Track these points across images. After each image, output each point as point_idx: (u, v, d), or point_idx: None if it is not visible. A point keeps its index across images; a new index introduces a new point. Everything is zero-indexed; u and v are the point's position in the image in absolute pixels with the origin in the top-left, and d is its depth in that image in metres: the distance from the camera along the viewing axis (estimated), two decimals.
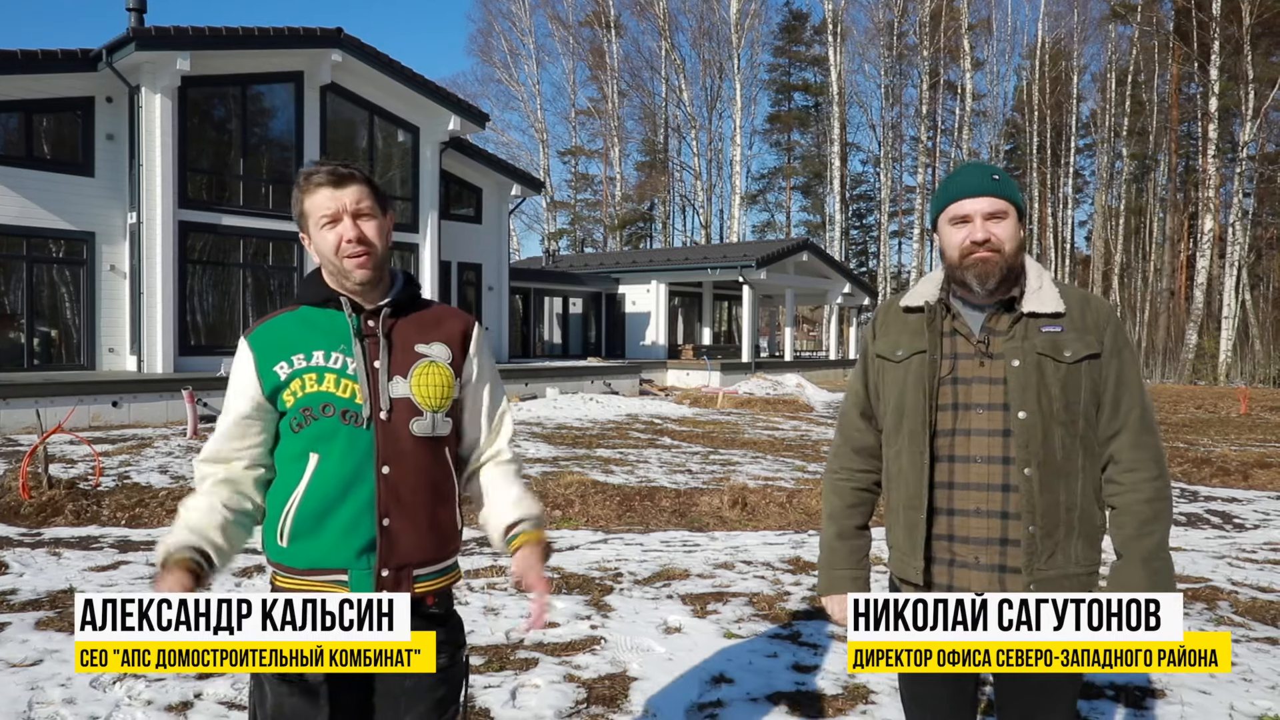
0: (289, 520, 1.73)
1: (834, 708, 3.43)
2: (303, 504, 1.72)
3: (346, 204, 1.73)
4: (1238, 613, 4.76)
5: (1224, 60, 32.39)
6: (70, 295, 15.33)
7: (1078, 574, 1.85)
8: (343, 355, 1.74)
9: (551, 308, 29.21)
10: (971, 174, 1.91)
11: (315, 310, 1.80)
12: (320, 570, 1.73)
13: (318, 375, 1.73)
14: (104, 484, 7.72)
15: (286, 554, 1.75)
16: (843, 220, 46.65)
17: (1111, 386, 1.85)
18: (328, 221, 1.74)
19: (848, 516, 2.08)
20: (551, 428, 13.81)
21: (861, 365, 2.10)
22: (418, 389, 1.77)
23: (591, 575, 5.29)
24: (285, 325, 1.79)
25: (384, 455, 1.73)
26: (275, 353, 1.75)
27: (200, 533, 1.71)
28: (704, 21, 47.10)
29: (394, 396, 1.75)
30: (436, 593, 1.82)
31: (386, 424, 1.73)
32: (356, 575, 1.72)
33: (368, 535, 1.71)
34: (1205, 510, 8.15)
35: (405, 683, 1.75)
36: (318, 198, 1.74)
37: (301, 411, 1.73)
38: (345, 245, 1.73)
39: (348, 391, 1.72)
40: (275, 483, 1.79)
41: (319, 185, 1.74)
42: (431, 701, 1.78)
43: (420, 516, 1.76)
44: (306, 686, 1.72)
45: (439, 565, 1.82)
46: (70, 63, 14.50)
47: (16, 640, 3.96)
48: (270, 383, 1.74)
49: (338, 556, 1.72)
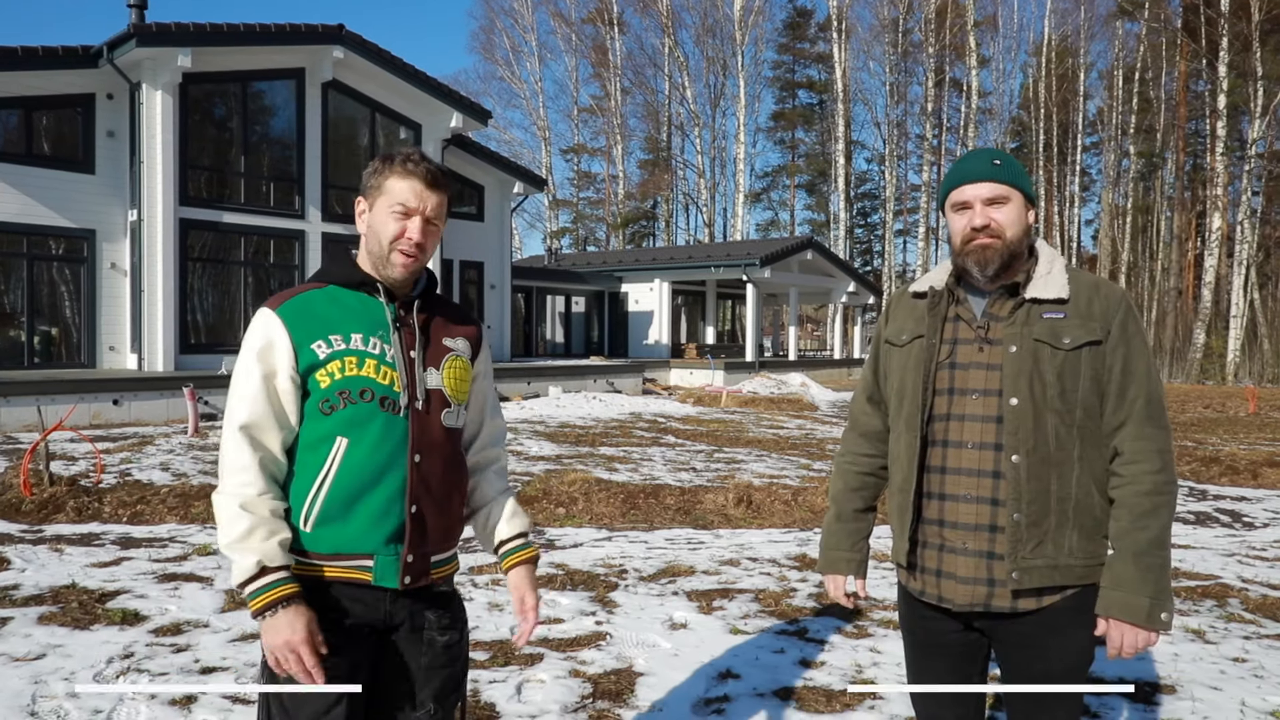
0: (317, 504, 1.69)
1: (841, 703, 3.39)
2: (333, 488, 1.69)
3: (428, 207, 1.75)
4: (1248, 610, 4.72)
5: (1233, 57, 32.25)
6: (71, 293, 15.33)
7: (1071, 565, 1.82)
8: (380, 342, 1.74)
9: (554, 306, 29.19)
10: (974, 160, 1.91)
11: (345, 291, 1.78)
12: (345, 556, 1.70)
13: (358, 359, 1.71)
14: (105, 481, 7.70)
15: (310, 539, 1.70)
16: (847, 219, 46.56)
17: (1117, 375, 1.81)
18: (401, 212, 1.73)
19: (848, 500, 2.13)
20: (554, 426, 13.78)
21: (873, 350, 2.12)
22: (448, 381, 1.81)
23: (596, 572, 5.26)
24: (317, 302, 1.75)
25: (417, 444, 1.74)
26: (312, 330, 1.70)
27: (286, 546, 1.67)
28: (707, 18, 47.12)
29: (429, 387, 1.77)
30: (445, 576, 1.86)
31: (421, 414, 1.75)
32: (383, 561, 1.71)
33: (397, 522, 1.71)
34: (1214, 509, 8.09)
35: (421, 660, 1.79)
36: (405, 185, 1.73)
37: (337, 394, 1.69)
38: (404, 241, 1.73)
39: (387, 379, 1.72)
40: (298, 464, 1.73)
41: (412, 174, 1.74)
42: (445, 677, 1.82)
43: (443, 505, 1.79)
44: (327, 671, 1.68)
45: (450, 552, 1.87)
46: (71, 59, 14.50)
47: (20, 635, 3.94)
48: (307, 360, 1.69)
49: (366, 542, 1.70)
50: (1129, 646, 1.78)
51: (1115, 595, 1.78)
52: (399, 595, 1.75)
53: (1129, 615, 1.76)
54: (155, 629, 4.07)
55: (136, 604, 4.43)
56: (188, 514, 6.72)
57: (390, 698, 1.80)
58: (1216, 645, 4.12)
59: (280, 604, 1.60)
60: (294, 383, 1.70)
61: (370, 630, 1.75)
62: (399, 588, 1.72)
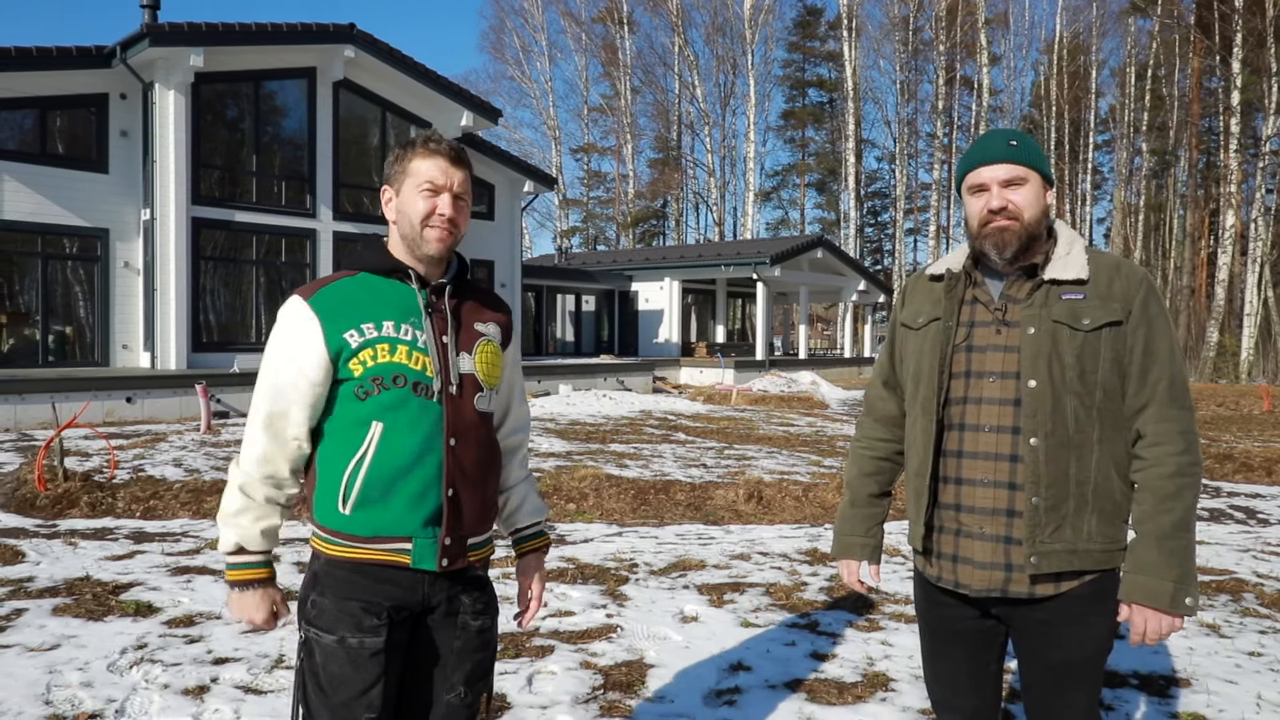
0: (355, 488, 1.71)
1: (853, 695, 3.37)
2: (371, 471, 1.70)
3: (454, 183, 1.77)
4: (1263, 604, 4.69)
5: (1246, 53, 31.98)
6: (84, 292, 15.41)
7: (1090, 550, 1.79)
8: (412, 328, 1.75)
9: (564, 305, 29.19)
10: (990, 141, 1.88)
11: (378, 278, 1.79)
12: (385, 539, 1.72)
13: (390, 346, 1.72)
14: (119, 477, 7.74)
15: (349, 521, 1.72)
16: (857, 217, 46.44)
17: (1138, 356, 1.78)
18: (429, 190, 1.75)
19: (862, 485, 2.12)
20: (565, 423, 13.78)
21: (889, 334, 2.11)
22: (481, 365, 1.82)
23: (607, 566, 5.25)
24: (350, 291, 1.77)
25: (452, 428, 1.75)
26: (343, 319, 1.72)
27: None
28: (717, 17, 47.05)
29: (462, 372, 1.79)
30: (482, 559, 1.88)
31: (455, 398, 1.76)
32: (420, 544, 1.73)
33: (434, 504, 1.73)
34: (1229, 505, 8.03)
35: (455, 643, 1.81)
36: (430, 164, 1.75)
37: (371, 380, 1.71)
38: (437, 217, 1.75)
39: (419, 364, 1.73)
40: (329, 448, 1.75)
41: (435, 153, 1.76)
42: (477, 661, 1.83)
43: (479, 488, 1.81)
44: (363, 654, 1.70)
45: (486, 535, 1.87)
46: (85, 59, 14.58)
47: (35, 625, 3.97)
48: (337, 348, 1.72)
49: (405, 525, 1.72)
50: (1152, 633, 1.75)
51: (1138, 580, 1.75)
52: (437, 578, 1.77)
53: (1152, 600, 1.73)
54: (168, 620, 4.09)
55: (150, 596, 4.46)
56: (200, 509, 6.75)
57: (423, 680, 1.82)
58: (1232, 639, 4.09)
59: (251, 584, 1.76)
60: (325, 371, 1.73)
61: (408, 614, 1.77)
62: (437, 570, 1.74)
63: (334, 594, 1.72)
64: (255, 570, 1.76)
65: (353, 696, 1.69)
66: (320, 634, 1.71)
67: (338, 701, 1.69)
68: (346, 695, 1.69)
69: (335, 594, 1.72)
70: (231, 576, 1.76)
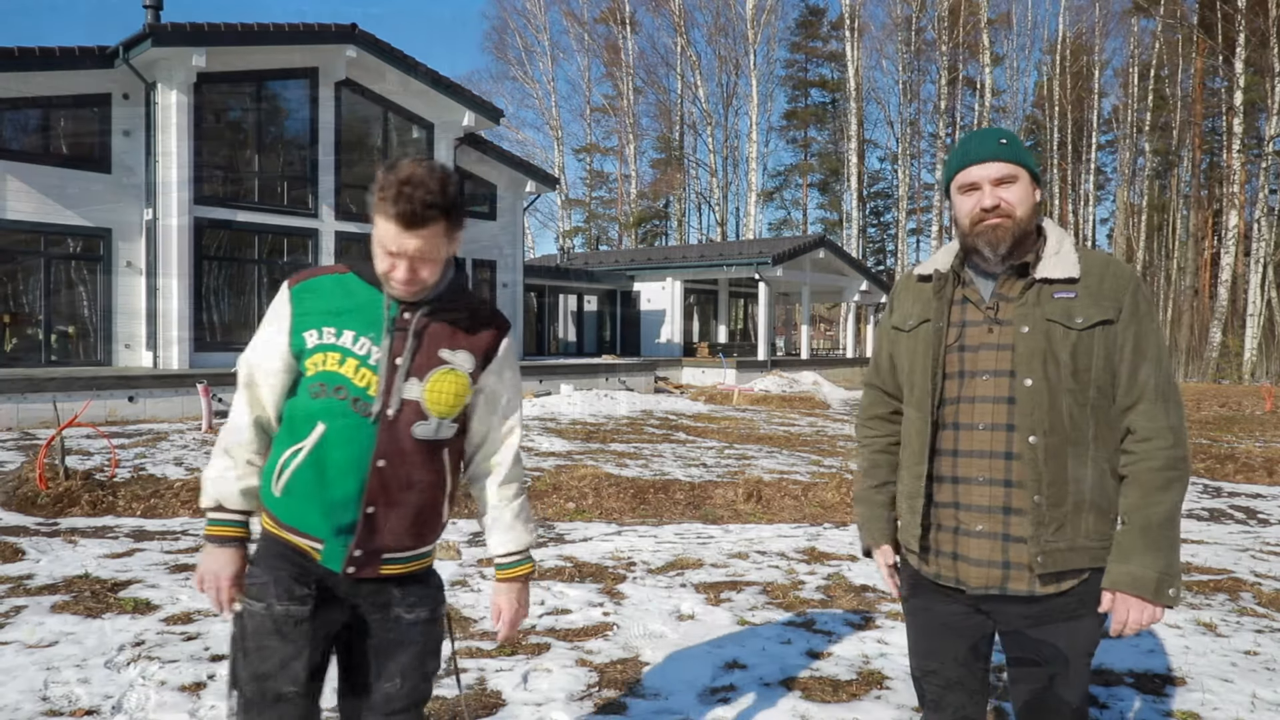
0: (285, 475, 1.78)
1: (848, 692, 3.38)
2: (301, 468, 1.76)
3: (409, 250, 1.65)
4: (1260, 604, 4.69)
5: (1249, 53, 31.95)
6: (87, 292, 15.44)
7: (1088, 546, 1.80)
8: (370, 343, 1.75)
9: (566, 305, 29.21)
10: (979, 140, 1.88)
11: (360, 282, 1.80)
12: (301, 533, 1.79)
13: (340, 356, 1.75)
14: (120, 476, 7.76)
15: (276, 503, 1.81)
16: (860, 218, 46.40)
17: (1128, 354, 1.79)
18: (386, 253, 1.68)
19: (868, 476, 2.15)
20: (565, 423, 13.80)
21: (879, 338, 2.13)
22: (430, 394, 1.77)
23: (605, 564, 5.26)
24: (330, 288, 1.80)
25: (383, 450, 1.75)
26: (312, 316, 1.77)
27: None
28: (720, 17, 47.04)
29: (405, 398, 1.75)
30: (409, 572, 1.87)
31: (391, 422, 1.74)
32: (330, 549, 1.78)
33: (350, 518, 1.75)
34: (1229, 505, 8.03)
35: (390, 634, 1.84)
36: (385, 227, 1.64)
37: (319, 384, 1.76)
38: (394, 276, 1.70)
39: (364, 381, 1.74)
40: (283, 430, 1.82)
41: (391, 217, 1.62)
42: (414, 651, 1.86)
43: (405, 511, 1.79)
44: (289, 623, 1.76)
45: (412, 553, 1.85)
46: (87, 60, 14.61)
47: (33, 622, 3.98)
48: (298, 345, 1.78)
49: (320, 528, 1.77)
50: (1134, 622, 1.76)
51: (1122, 569, 1.76)
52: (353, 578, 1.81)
53: (1136, 589, 1.75)
54: (166, 618, 4.11)
55: (148, 593, 4.47)
56: (200, 508, 6.76)
57: (361, 669, 1.87)
58: (1228, 638, 4.09)
59: (224, 541, 1.82)
60: (285, 361, 1.82)
61: (340, 597, 1.82)
62: (340, 574, 1.78)
63: (266, 565, 1.81)
64: (230, 528, 1.83)
65: (277, 667, 1.75)
66: (250, 602, 1.79)
67: (262, 670, 1.75)
68: (271, 665, 1.75)
69: (267, 565, 1.80)
70: (209, 531, 1.84)
